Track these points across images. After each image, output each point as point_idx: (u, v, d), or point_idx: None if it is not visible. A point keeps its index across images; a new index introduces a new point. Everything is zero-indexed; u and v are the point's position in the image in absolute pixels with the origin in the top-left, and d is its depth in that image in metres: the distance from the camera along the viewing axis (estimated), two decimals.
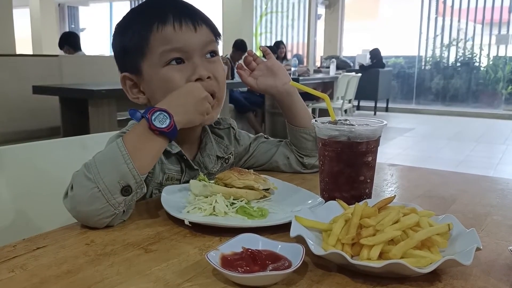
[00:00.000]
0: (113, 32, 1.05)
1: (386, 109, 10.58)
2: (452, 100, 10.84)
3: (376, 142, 0.88)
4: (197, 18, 0.98)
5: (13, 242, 0.74)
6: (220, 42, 1.05)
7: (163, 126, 0.84)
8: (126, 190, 0.79)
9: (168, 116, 0.85)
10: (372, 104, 10.17)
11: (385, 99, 10.57)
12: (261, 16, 12.38)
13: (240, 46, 6.86)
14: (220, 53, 1.08)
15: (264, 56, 1.21)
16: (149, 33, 0.95)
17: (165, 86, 0.97)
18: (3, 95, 4.11)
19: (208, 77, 0.98)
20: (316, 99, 6.89)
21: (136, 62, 0.99)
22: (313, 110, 6.53)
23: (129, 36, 0.99)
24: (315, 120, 0.92)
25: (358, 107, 10.47)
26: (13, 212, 1.09)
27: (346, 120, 0.92)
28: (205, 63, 0.98)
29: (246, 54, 1.18)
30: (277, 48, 7.92)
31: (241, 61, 1.22)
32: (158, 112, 0.85)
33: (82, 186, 0.79)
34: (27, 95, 3.81)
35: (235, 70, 1.14)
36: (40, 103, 4.10)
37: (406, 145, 6.71)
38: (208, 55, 1.00)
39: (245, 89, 6.01)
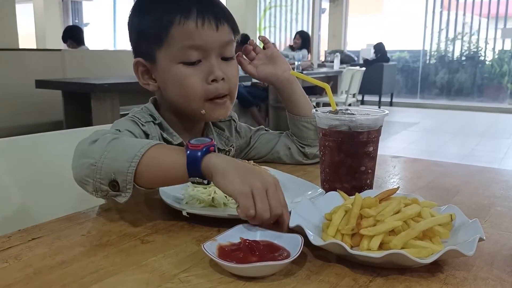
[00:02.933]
0: (130, 9, 1.02)
1: (391, 104, 10.53)
2: (457, 95, 10.77)
3: (377, 132, 0.87)
4: (220, 15, 0.95)
5: (8, 233, 0.73)
6: None
7: (195, 143, 0.74)
8: (113, 185, 0.76)
9: (210, 145, 0.74)
10: (376, 98, 10.12)
11: (390, 94, 10.52)
12: (265, 10, 12.33)
13: (244, 41, 6.85)
14: None
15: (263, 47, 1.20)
16: (170, 24, 0.93)
17: (178, 83, 0.96)
18: (6, 90, 4.12)
19: (222, 79, 0.97)
20: (319, 93, 6.86)
21: (152, 50, 0.97)
22: (317, 104, 6.51)
23: (148, 21, 0.96)
24: (316, 110, 0.91)
25: (362, 102, 10.42)
26: (14, 203, 1.08)
27: (347, 109, 0.90)
28: (221, 64, 0.97)
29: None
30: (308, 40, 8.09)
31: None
32: (209, 139, 0.75)
33: (89, 150, 0.77)
34: (30, 90, 3.82)
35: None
36: (43, 97, 4.11)
37: (410, 139, 6.68)
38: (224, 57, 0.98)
39: (248, 83, 5.99)
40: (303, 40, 8.14)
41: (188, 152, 0.72)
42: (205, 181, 0.74)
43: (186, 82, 0.95)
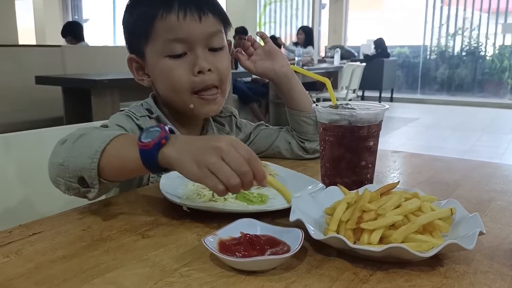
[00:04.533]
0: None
1: (391, 99, 10.51)
2: (458, 90, 10.76)
3: (378, 126, 0.86)
4: (203, 6, 0.95)
5: (9, 228, 0.73)
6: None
7: (144, 140, 0.70)
8: (82, 182, 0.76)
9: (160, 139, 0.70)
10: (376, 94, 10.11)
11: (390, 89, 10.50)
12: (264, 6, 12.30)
13: (242, 32, 6.83)
14: None
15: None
16: (153, 19, 0.94)
17: (165, 76, 0.97)
18: (6, 86, 4.12)
19: (209, 70, 0.96)
20: (319, 89, 6.86)
21: (140, 46, 0.98)
22: (317, 100, 6.50)
23: (135, 18, 0.98)
24: (316, 105, 0.91)
25: (363, 97, 10.41)
26: (15, 199, 1.09)
27: (347, 104, 0.90)
28: (208, 55, 0.97)
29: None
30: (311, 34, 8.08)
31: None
32: (158, 131, 0.71)
33: (59, 151, 0.78)
34: (30, 86, 3.81)
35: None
36: (43, 94, 4.10)
37: (410, 135, 6.68)
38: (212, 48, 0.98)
39: (248, 79, 5.99)
40: (307, 35, 8.12)
41: (141, 151, 0.69)
42: (169, 170, 0.71)
43: (172, 74, 0.95)
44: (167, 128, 0.72)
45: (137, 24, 0.97)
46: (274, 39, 8.07)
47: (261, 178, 0.68)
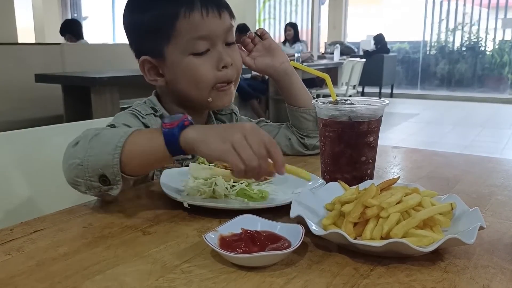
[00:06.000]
0: (125, 7, 1.02)
1: (391, 95, 10.50)
2: (458, 85, 10.74)
3: (378, 122, 0.86)
4: (220, 3, 0.97)
5: (10, 225, 0.73)
6: None
7: (168, 122, 0.73)
8: (103, 180, 0.76)
9: (183, 120, 0.73)
10: (376, 90, 10.10)
11: (390, 85, 10.49)
12: (264, 2, 12.27)
13: (243, 30, 6.81)
14: None
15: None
16: (175, 17, 0.93)
17: (190, 74, 0.97)
18: (5, 84, 4.11)
19: (231, 64, 0.99)
20: (319, 85, 6.85)
21: (159, 46, 0.97)
22: (317, 96, 6.49)
23: (150, 16, 0.96)
24: (316, 100, 0.90)
25: (363, 93, 10.40)
26: (16, 196, 1.09)
27: (347, 100, 0.90)
28: (227, 50, 0.99)
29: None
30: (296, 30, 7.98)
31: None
32: (181, 116, 0.74)
33: (74, 152, 0.78)
34: (30, 84, 3.81)
35: None
36: (43, 92, 4.10)
37: (411, 130, 6.67)
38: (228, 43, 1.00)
39: (248, 76, 5.98)
40: (295, 31, 8.03)
41: (164, 131, 0.73)
42: (189, 156, 0.74)
43: (198, 72, 0.97)
44: (189, 117, 0.74)
45: (155, 24, 0.96)
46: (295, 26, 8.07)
47: (279, 166, 0.71)
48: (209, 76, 0.97)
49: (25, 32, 9.17)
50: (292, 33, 8.02)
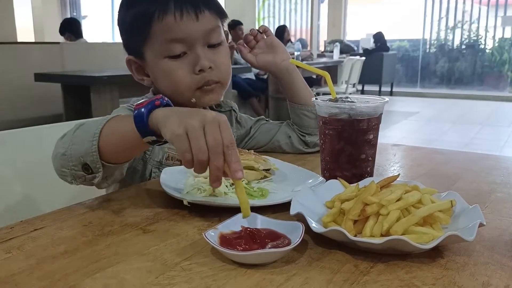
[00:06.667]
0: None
1: (391, 93, 10.50)
2: (457, 83, 10.74)
3: (378, 119, 0.86)
4: (198, 4, 0.93)
5: (10, 224, 0.73)
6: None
7: (139, 102, 0.71)
8: (86, 168, 0.76)
9: (154, 100, 0.71)
10: (376, 88, 10.09)
11: (390, 83, 10.49)
12: (263, 0, 12.26)
13: (233, 26, 6.69)
14: None
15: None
16: (150, 20, 0.92)
17: (167, 77, 0.97)
18: (5, 83, 4.11)
19: (210, 67, 0.96)
20: (318, 83, 6.84)
21: (139, 46, 0.97)
22: (316, 94, 6.49)
23: (131, 18, 0.96)
24: (316, 98, 0.90)
25: (363, 92, 10.39)
26: (16, 195, 1.09)
27: (346, 97, 0.90)
28: (207, 52, 0.96)
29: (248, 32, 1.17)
30: (283, 33, 7.82)
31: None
32: (151, 100, 0.71)
33: (60, 143, 0.79)
34: (29, 83, 3.81)
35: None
36: (42, 91, 4.10)
37: (410, 128, 6.67)
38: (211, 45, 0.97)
39: (251, 73, 5.98)
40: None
41: (134, 112, 0.70)
42: (162, 140, 0.70)
43: (174, 76, 0.95)
44: (165, 98, 0.72)
45: (134, 25, 0.96)
46: (282, 29, 7.95)
47: (235, 169, 0.63)
48: (186, 81, 0.95)
49: (25, 31, 9.16)
50: (287, 35, 7.95)
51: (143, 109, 0.69)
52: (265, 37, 1.15)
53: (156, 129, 0.68)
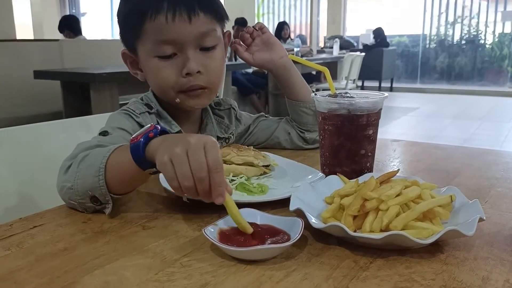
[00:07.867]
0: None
1: (391, 89, 10.49)
2: (457, 79, 10.73)
3: (377, 114, 0.86)
4: (194, 5, 0.90)
5: (9, 221, 0.73)
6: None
7: (134, 136, 0.71)
8: (95, 200, 0.75)
9: (148, 132, 0.70)
10: (376, 84, 10.09)
11: (389, 79, 10.48)
12: None
13: (242, 23, 6.77)
14: None
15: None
16: (143, 17, 0.91)
17: (153, 76, 0.96)
18: (4, 81, 4.10)
19: (199, 71, 0.93)
20: (319, 79, 6.84)
21: (132, 42, 0.96)
22: (316, 90, 6.48)
23: (127, 12, 0.95)
24: (315, 94, 0.90)
25: (362, 87, 10.38)
26: (16, 192, 1.09)
27: (346, 93, 0.90)
28: (199, 56, 0.94)
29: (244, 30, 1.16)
30: (281, 30, 7.79)
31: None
32: (148, 127, 0.71)
33: (66, 175, 0.77)
34: (29, 80, 3.80)
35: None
36: (42, 88, 4.09)
37: (410, 124, 6.67)
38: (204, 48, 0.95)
39: (250, 70, 5.97)
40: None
41: (130, 147, 0.70)
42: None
43: (159, 75, 0.94)
44: (159, 126, 0.71)
45: (128, 20, 0.95)
46: (282, 26, 7.91)
47: (216, 194, 0.63)
48: (169, 82, 0.94)
49: (23, 29, 9.15)
50: (288, 32, 7.94)
51: (139, 143, 0.69)
52: (261, 34, 1.14)
53: (153, 160, 0.68)
